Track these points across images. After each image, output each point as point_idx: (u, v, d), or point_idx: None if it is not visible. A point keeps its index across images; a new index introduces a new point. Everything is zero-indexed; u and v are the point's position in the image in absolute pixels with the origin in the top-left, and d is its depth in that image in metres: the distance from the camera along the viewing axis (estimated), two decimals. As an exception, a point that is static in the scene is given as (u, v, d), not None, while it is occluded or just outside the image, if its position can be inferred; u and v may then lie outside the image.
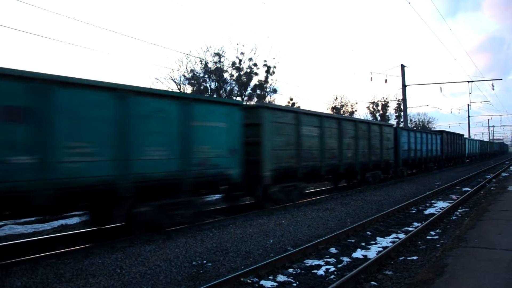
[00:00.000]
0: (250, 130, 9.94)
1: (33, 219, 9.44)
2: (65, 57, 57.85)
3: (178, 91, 24.50)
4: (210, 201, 11.35)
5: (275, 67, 27.38)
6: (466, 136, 47.81)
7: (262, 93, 27.40)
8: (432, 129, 56.06)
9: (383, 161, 17.45)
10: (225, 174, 8.80)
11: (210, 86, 25.93)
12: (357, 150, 14.93)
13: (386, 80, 29.12)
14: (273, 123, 10.44)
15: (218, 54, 25.67)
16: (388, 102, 48.58)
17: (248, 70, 26.66)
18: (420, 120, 61.05)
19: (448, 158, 31.64)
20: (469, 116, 58.03)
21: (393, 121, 48.87)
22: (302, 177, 11.74)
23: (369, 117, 48.37)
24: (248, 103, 21.74)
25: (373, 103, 48.61)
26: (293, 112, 11.69)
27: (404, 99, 30.51)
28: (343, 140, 13.90)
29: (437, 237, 7.88)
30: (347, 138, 14.20)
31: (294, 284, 5.26)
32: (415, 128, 40.85)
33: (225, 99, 9.20)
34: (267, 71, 27.23)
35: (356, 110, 44.78)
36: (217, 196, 11.79)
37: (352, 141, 14.61)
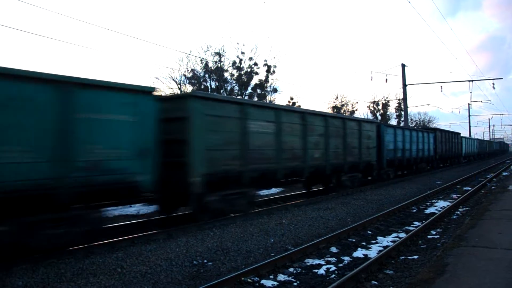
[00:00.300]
0: (175, 125, 8.24)
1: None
2: (66, 56, 57.90)
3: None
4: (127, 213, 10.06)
5: (275, 66, 27.39)
6: (465, 134, 47.21)
7: (263, 92, 27.41)
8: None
9: (363, 162, 15.41)
10: (129, 181, 6.82)
11: (210, 85, 25.95)
12: (328, 149, 12.91)
13: (386, 79, 29.10)
14: (207, 116, 8.44)
15: (218, 54, 25.68)
16: (388, 101, 48.58)
17: (249, 70, 26.67)
18: (421, 120, 61.07)
19: (442, 158, 29.70)
20: (469, 116, 58.04)
21: (393, 121, 48.90)
22: (250, 183, 9.66)
23: (370, 117, 48.34)
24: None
25: (373, 102, 48.61)
26: (237, 104, 9.47)
27: (404, 99, 30.48)
28: (309, 138, 11.86)
29: (437, 236, 7.88)
30: (314, 136, 12.19)
31: (295, 284, 5.26)
32: (415, 127, 40.65)
33: (128, 84, 6.89)
34: (268, 71, 27.23)
35: (356, 110, 44.79)
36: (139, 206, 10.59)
37: (321, 139, 12.61)
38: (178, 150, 8.18)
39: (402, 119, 35.42)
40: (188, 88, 25.68)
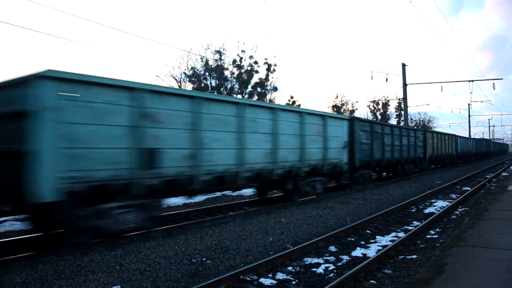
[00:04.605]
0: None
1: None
2: (67, 54, 57.82)
3: (179, 88, 24.50)
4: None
5: (275, 65, 27.43)
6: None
7: (263, 91, 27.42)
8: (433, 128, 55.78)
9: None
10: None
11: (210, 83, 25.96)
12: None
13: (386, 79, 29.17)
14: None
15: (219, 52, 25.69)
16: (388, 101, 48.67)
17: (249, 68, 26.68)
18: (421, 119, 61.15)
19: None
20: (469, 116, 58.07)
21: (393, 120, 48.95)
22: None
23: (370, 116, 48.38)
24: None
25: (373, 101, 48.70)
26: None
27: (404, 98, 30.51)
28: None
29: (436, 236, 7.88)
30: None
31: (294, 282, 5.26)
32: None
33: None
34: (268, 69, 27.25)
35: (356, 109, 44.88)
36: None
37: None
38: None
39: (402, 118, 35.45)
40: (188, 86, 25.71)
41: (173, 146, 7.62)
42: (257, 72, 27.00)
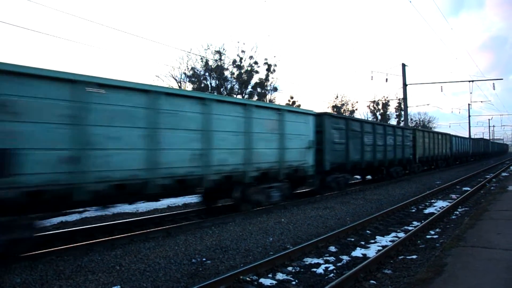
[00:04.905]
0: None
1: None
2: (67, 54, 57.84)
3: (179, 88, 24.54)
4: None
5: (275, 65, 27.47)
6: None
7: (263, 91, 27.43)
8: (433, 128, 55.88)
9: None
10: None
11: (210, 84, 25.98)
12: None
13: (386, 79, 29.19)
14: None
15: (219, 52, 25.72)
16: (388, 101, 48.70)
17: (249, 68, 26.70)
18: (421, 120, 61.23)
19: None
20: (469, 116, 58.04)
21: (393, 120, 49.00)
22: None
23: (370, 116, 48.43)
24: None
25: (373, 102, 48.74)
26: None
27: (404, 98, 30.51)
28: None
29: (436, 236, 7.88)
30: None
31: (293, 282, 5.26)
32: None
33: None
34: (268, 69, 27.28)
35: (356, 109, 44.91)
36: None
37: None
38: None
39: (402, 118, 35.47)
40: (188, 87, 25.73)
41: (40, 146, 5.76)
42: (257, 72, 27.05)
